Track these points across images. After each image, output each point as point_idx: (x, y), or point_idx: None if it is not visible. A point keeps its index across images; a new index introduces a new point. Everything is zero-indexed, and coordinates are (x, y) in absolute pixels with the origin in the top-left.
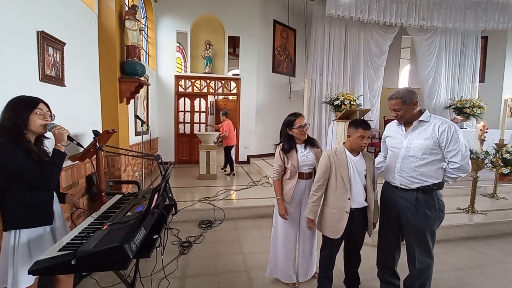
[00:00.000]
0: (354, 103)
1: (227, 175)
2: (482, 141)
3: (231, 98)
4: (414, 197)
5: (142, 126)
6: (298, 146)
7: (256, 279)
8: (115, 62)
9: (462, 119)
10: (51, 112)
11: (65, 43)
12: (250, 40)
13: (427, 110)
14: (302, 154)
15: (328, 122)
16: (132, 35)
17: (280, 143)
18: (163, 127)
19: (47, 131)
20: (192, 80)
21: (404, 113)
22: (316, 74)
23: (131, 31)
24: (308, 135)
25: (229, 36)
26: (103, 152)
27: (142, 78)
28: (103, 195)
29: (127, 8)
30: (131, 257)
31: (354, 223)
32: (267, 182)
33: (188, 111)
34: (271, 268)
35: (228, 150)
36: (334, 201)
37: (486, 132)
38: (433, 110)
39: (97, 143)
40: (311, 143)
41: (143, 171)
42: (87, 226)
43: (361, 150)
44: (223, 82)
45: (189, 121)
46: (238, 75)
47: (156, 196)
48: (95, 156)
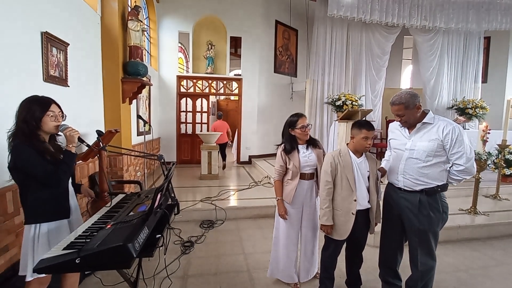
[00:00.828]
0: (356, 104)
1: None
2: (484, 142)
3: (232, 98)
4: (417, 199)
5: (144, 126)
6: (300, 146)
7: (257, 279)
8: (118, 62)
9: (464, 119)
10: (62, 112)
11: (68, 44)
12: (252, 40)
13: (430, 111)
14: (304, 154)
15: (330, 122)
16: (134, 35)
17: (282, 144)
18: (164, 127)
19: (59, 132)
20: (194, 81)
21: (408, 117)
22: (318, 74)
23: (134, 32)
24: (310, 136)
25: (231, 37)
26: (106, 152)
27: (145, 79)
28: (106, 194)
29: (130, 8)
30: (135, 256)
31: (357, 224)
32: (269, 183)
33: (190, 111)
34: (272, 268)
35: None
36: (340, 203)
37: (489, 133)
38: (435, 110)
39: (100, 143)
40: (313, 144)
41: (145, 171)
42: (91, 225)
43: (365, 151)
44: (224, 82)
45: (190, 121)
46: (240, 75)
47: (159, 195)
48: (97, 156)
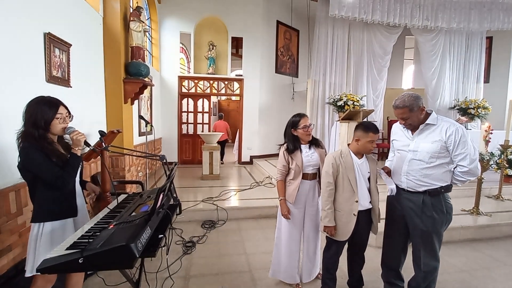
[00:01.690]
0: (358, 104)
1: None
2: (487, 142)
3: (234, 98)
4: (421, 199)
5: (146, 126)
6: (302, 146)
7: (259, 279)
8: (120, 63)
9: (466, 120)
10: (69, 112)
11: (71, 45)
12: (253, 41)
13: (434, 112)
14: (307, 154)
15: (331, 123)
16: (136, 36)
17: (285, 143)
18: (166, 128)
19: (66, 134)
20: (195, 81)
21: (413, 120)
22: (319, 74)
23: (136, 32)
24: (312, 136)
25: (232, 37)
26: (108, 152)
27: (146, 79)
28: (108, 195)
29: (132, 9)
30: (137, 256)
31: (359, 225)
32: (270, 183)
33: (191, 112)
34: (274, 268)
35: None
36: (342, 204)
37: (491, 133)
38: (437, 111)
39: (103, 143)
40: (316, 144)
41: (147, 171)
42: (94, 225)
43: (368, 154)
44: (226, 82)
45: (192, 121)
46: (241, 75)
47: (161, 196)
48: (99, 156)
